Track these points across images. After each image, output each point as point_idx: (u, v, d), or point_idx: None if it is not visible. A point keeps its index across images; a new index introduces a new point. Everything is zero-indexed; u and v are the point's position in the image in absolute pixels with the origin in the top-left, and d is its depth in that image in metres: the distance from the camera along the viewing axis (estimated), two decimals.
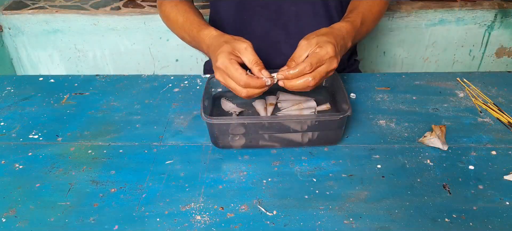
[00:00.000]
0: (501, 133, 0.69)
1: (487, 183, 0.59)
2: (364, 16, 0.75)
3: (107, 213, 0.56)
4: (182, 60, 1.38)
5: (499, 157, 0.64)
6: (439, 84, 0.82)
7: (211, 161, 0.64)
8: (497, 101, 0.76)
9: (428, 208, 0.56)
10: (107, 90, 0.82)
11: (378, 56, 1.39)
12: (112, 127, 0.72)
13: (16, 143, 0.69)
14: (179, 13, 0.78)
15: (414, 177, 0.61)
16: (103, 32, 1.31)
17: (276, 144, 0.66)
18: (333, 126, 0.63)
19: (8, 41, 1.35)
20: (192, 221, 0.55)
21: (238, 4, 0.85)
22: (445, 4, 1.28)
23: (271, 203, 0.57)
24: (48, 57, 1.38)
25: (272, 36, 0.87)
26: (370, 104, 0.76)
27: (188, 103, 0.78)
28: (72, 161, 0.65)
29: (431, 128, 0.68)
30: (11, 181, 0.62)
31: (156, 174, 0.62)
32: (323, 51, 0.60)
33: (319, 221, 0.54)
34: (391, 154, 0.65)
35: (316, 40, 0.62)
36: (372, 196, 0.58)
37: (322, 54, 0.60)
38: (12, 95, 0.81)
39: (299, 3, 0.83)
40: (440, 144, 0.65)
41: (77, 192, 0.59)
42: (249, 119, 0.62)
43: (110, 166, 0.64)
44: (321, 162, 0.64)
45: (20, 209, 0.57)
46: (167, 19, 0.82)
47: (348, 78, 0.84)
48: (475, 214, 0.55)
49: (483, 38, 1.34)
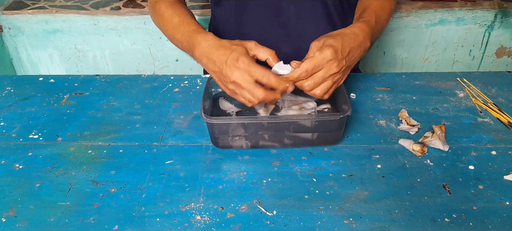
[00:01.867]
0: (501, 133, 0.69)
1: (487, 183, 0.59)
2: (377, 14, 0.73)
3: (107, 213, 0.56)
4: (182, 60, 1.38)
5: (499, 157, 0.64)
6: (439, 84, 0.82)
7: (211, 161, 0.64)
8: (497, 101, 0.76)
9: (428, 208, 0.56)
10: (107, 90, 0.82)
11: (378, 56, 1.39)
12: (112, 127, 0.72)
13: (16, 143, 0.69)
14: (175, 13, 0.77)
15: (414, 177, 0.61)
16: (103, 32, 1.31)
17: (276, 144, 0.66)
18: (333, 126, 0.63)
19: (8, 41, 1.35)
20: (192, 221, 0.55)
21: (239, 4, 0.85)
22: (445, 4, 1.28)
23: (271, 203, 0.57)
24: (48, 57, 1.38)
25: (272, 36, 0.87)
26: (370, 104, 0.76)
27: (188, 103, 0.78)
28: (72, 161, 0.65)
29: (432, 128, 0.68)
30: (11, 181, 0.62)
31: (156, 174, 0.62)
32: (321, 56, 0.60)
33: (319, 221, 0.54)
34: (391, 154, 0.65)
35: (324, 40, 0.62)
36: (372, 196, 0.58)
37: (319, 59, 0.60)
38: (12, 95, 0.81)
39: (299, 3, 0.83)
40: (441, 144, 0.65)
41: (77, 192, 0.59)
42: (249, 119, 0.62)
43: (110, 166, 0.64)
44: (321, 162, 0.64)
45: (20, 209, 0.57)
46: (160, 17, 0.81)
47: (348, 78, 0.84)
48: (475, 214, 0.55)
49: (483, 38, 1.34)
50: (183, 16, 0.76)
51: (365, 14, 0.73)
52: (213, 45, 0.63)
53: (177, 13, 0.77)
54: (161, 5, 0.81)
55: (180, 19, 0.75)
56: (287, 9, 0.84)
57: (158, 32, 1.31)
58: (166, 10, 0.79)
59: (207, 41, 0.64)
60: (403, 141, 0.66)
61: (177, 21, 0.75)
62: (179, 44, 0.76)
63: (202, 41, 0.65)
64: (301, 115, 0.69)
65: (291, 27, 0.86)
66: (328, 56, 0.60)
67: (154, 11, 0.83)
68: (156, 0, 0.82)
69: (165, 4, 0.80)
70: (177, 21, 0.75)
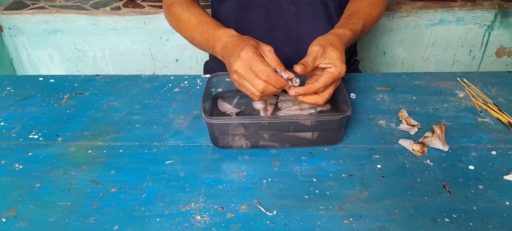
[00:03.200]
0: (501, 133, 0.69)
1: (487, 183, 0.59)
2: (365, 21, 0.75)
3: (107, 213, 0.56)
4: (182, 60, 1.38)
5: (499, 157, 0.64)
6: (439, 84, 0.82)
7: (211, 161, 0.64)
8: (497, 101, 0.76)
9: (428, 208, 0.56)
10: (107, 90, 0.82)
11: (378, 56, 1.39)
12: (112, 127, 0.72)
13: (16, 143, 0.69)
14: (192, 15, 0.78)
15: (414, 177, 0.61)
16: (103, 32, 1.31)
17: (276, 144, 0.66)
18: (333, 126, 0.63)
19: (8, 41, 1.35)
20: (192, 221, 0.55)
21: (239, 4, 0.85)
22: (445, 4, 1.28)
23: (271, 203, 0.57)
24: (48, 57, 1.38)
25: (272, 35, 0.87)
26: (370, 104, 0.76)
27: (188, 103, 0.78)
28: (72, 161, 0.65)
29: (432, 128, 0.68)
30: (11, 181, 0.62)
31: (156, 174, 0.62)
32: (336, 72, 0.62)
33: (319, 221, 0.54)
34: (391, 154, 0.65)
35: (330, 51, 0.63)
36: (372, 196, 0.58)
37: (335, 75, 0.62)
38: (12, 95, 0.81)
39: (299, 3, 0.84)
40: (441, 144, 0.65)
41: (77, 192, 0.59)
42: (249, 119, 0.62)
43: (110, 166, 0.64)
44: (321, 162, 0.64)
45: (20, 209, 0.57)
46: (177, 20, 0.82)
47: (348, 78, 0.84)
48: (475, 214, 0.55)
49: (483, 38, 1.34)
50: (200, 16, 0.77)
51: (354, 20, 0.74)
52: (233, 38, 0.66)
53: (193, 14, 0.78)
54: (177, 9, 0.81)
55: (198, 20, 0.77)
56: (287, 9, 0.84)
57: (158, 32, 1.31)
58: (182, 13, 0.80)
59: (228, 35, 0.67)
60: (403, 141, 0.66)
61: (195, 22, 0.77)
62: (199, 44, 0.78)
63: (223, 36, 0.68)
64: (301, 115, 0.69)
65: (291, 28, 0.86)
66: (342, 73, 0.62)
67: (170, 15, 0.84)
68: (170, 4, 0.83)
69: (181, 7, 0.81)
70: (195, 22, 0.77)
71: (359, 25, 0.73)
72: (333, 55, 0.62)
